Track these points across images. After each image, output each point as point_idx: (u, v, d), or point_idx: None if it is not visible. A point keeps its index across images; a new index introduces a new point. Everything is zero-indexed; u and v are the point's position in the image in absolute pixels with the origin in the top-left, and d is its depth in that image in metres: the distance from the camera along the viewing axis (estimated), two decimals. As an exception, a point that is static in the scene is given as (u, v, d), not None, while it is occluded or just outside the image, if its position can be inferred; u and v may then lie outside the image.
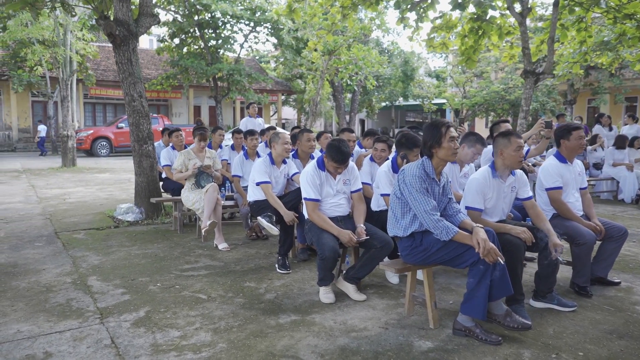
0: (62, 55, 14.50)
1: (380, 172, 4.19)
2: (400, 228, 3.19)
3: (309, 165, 3.87)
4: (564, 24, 11.51)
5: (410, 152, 4.10)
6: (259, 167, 4.67)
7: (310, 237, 3.81)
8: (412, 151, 4.10)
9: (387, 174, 4.15)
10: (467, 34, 11.57)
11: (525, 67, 10.68)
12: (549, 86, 24.41)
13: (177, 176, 5.54)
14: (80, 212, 7.39)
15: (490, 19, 11.17)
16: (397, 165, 4.21)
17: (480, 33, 11.55)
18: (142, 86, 6.73)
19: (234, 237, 5.85)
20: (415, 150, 4.10)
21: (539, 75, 10.69)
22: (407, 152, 4.10)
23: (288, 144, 4.72)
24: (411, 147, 4.09)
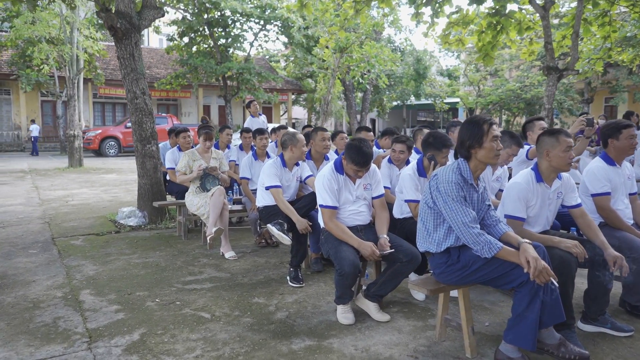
0: (68, 53, 14.21)
1: (404, 176, 3.75)
2: (433, 242, 2.74)
3: (326, 168, 3.44)
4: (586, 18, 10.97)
5: (438, 153, 3.65)
6: (269, 169, 4.25)
7: (326, 249, 3.38)
8: (440, 152, 3.65)
9: (412, 177, 3.71)
10: (485, 30, 11.07)
11: (548, 63, 10.15)
12: (567, 84, 23.76)
13: (180, 178, 5.13)
14: (82, 216, 7.03)
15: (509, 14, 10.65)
16: (423, 168, 3.77)
17: (498, 28, 11.04)
18: (145, 83, 6.34)
19: (242, 244, 5.44)
20: (445, 151, 3.65)
21: (562, 71, 10.16)
22: (435, 153, 3.65)
23: (305, 147, 4.29)
24: (440, 148, 3.64)
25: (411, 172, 3.73)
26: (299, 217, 4.01)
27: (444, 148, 3.64)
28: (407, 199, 3.70)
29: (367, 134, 5.95)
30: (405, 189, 3.71)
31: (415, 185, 3.69)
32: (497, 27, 10.85)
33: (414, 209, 3.66)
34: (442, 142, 3.65)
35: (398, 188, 3.92)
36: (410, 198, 3.67)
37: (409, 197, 3.68)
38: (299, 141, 4.22)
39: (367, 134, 5.50)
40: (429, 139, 3.69)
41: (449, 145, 3.66)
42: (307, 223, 4.00)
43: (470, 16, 11.07)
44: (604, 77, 23.78)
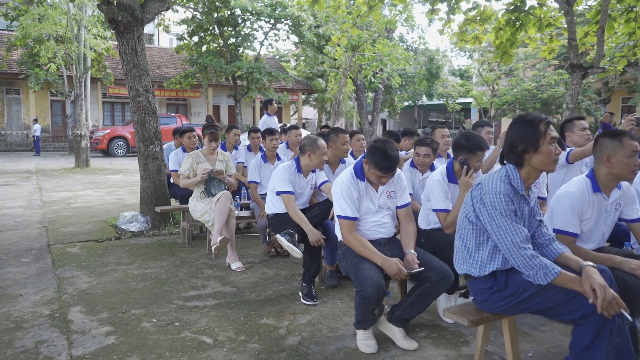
0: (75, 51, 13.93)
1: (433, 182, 3.32)
2: (475, 264, 2.31)
3: (344, 174, 3.02)
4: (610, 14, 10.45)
5: (472, 156, 3.22)
6: (282, 173, 3.83)
7: (345, 266, 2.96)
8: (474, 155, 3.21)
9: (441, 184, 3.28)
10: (503, 27, 10.59)
11: (572, 60, 9.63)
12: (584, 84, 23.10)
13: (183, 182, 4.74)
14: (82, 220, 6.67)
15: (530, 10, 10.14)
16: (453, 173, 3.34)
17: (517, 25, 10.55)
18: (148, 79, 5.97)
19: (250, 253, 5.04)
20: (479, 154, 3.22)
21: (587, 69, 9.64)
22: (468, 156, 3.22)
23: (326, 155, 3.87)
24: (474, 150, 3.20)
25: (440, 178, 3.30)
26: (312, 228, 3.60)
27: (479, 151, 3.21)
28: (435, 208, 3.27)
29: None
30: (434, 197, 3.29)
31: (445, 193, 3.26)
32: (516, 24, 10.37)
33: (444, 219, 3.24)
34: (476, 144, 3.21)
35: (424, 195, 3.49)
36: (440, 207, 3.24)
37: (437, 206, 3.25)
38: (319, 148, 3.79)
39: None
40: (461, 141, 3.26)
41: (484, 148, 3.23)
42: (321, 236, 3.58)
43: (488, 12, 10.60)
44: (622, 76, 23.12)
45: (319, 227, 3.72)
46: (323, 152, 3.83)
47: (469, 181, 3.16)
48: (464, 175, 3.19)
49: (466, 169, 3.19)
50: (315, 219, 3.71)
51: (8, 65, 22.75)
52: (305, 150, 3.87)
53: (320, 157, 3.82)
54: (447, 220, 3.21)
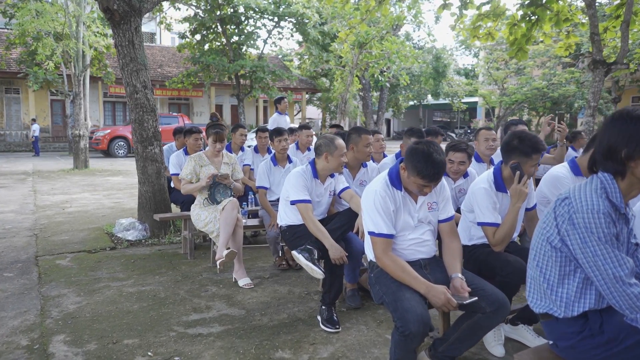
0: (73, 48, 13.46)
1: (478, 191, 2.82)
2: (559, 301, 1.81)
3: (378, 183, 2.51)
4: (632, 9, 9.93)
5: (527, 160, 2.71)
6: (296, 180, 3.33)
7: (379, 293, 2.45)
8: (529, 159, 2.71)
9: (488, 193, 2.78)
10: (518, 22, 10.07)
11: (594, 56, 9.12)
12: (596, 82, 22.55)
13: (185, 188, 4.24)
14: (76, 227, 6.19)
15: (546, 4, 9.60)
16: (502, 181, 2.84)
17: (533, 20, 10.02)
18: (146, 75, 5.48)
19: (258, 266, 4.54)
20: (535, 158, 2.71)
21: (610, 65, 9.12)
22: (521, 160, 2.71)
23: (345, 157, 3.37)
24: (529, 153, 2.70)
25: (486, 186, 2.80)
26: (333, 243, 3.10)
27: (534, 154, 2.70)
28: (481, 221, 2.77)
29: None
30: (479, 208, 2.78)
31: (493, 204, 2.76)
32: (531, 19, 9.86)
33: (492, 235, 2.73)
34: (531, 146, 2.70)
35: (465, 206, 2.99)
36: (487, 220, 2.74)
37: (484, 219, 2.75)
38: (337, 148, 3.29)
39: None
40: (513, 142, 2.75)
41: (541, 150, 2.72)
42: (344, 253, 3.09)
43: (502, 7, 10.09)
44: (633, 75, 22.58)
45: (340, 241, 3.23)
46: (342, 152, 3.34)
47: (523, 190, 2.67)
48: (516, 182, 2.69)
49: (519, 175, 2.69)
50: (337, 232, 3.21)
51: (7, 64, 22.31)
52: (321, 152, 3.37)
53: (338, 158, 3.32)
54: (496, 236, 2.71)
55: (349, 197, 3.43)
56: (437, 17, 27.36)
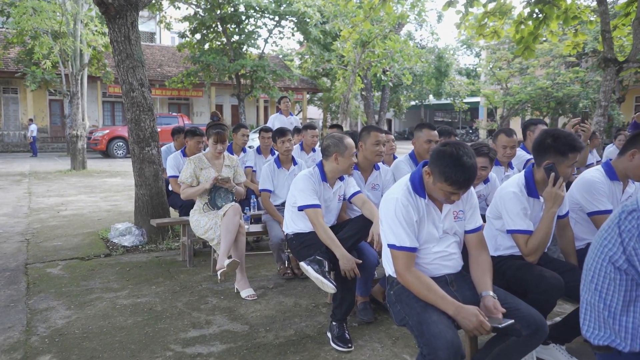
0: (70, 47, 13.18)
1: (506, 196, 2.55)
2: (624, 332, 1.53)
3: (398, 188, 2.24)
4: (637, 6, 9.69)
5: (563, 160, 2.44)
6: (304, 183, 3.06)
7: (400, 314, 2.18)
8: (565, 159, 2.44)
9: (518, 197, 2.51)
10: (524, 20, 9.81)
11: (605, 54, 8.87)
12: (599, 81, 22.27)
13: (184, 192, 3.96)
14: (70, 232, 5.92)
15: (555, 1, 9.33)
16: (534, 184, 2.57)
17: (541, 18, 9.75)
18: (143, 72, 5.21)
19: (262, 275, 4.28)
20: (572, 157, 2.44)
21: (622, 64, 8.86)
22: (557, 160, 2.44)
23: (354, 157, 3.10)
24: (565, 152, 2.43)
25: (517, 190, 2.53)
26: (345, 253, 2.84)
27: (571, 152, 2.43)
28: (512, 228, 2.50)
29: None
30: (509, 215, 2.51)
31: (524, 209, 2.49)
32: (539, 17, 9.59)
33: (524, 244, 2.47)
34: (568, 144, 2.43)
35: (491, 212, 2.72)
36: (518, 227, 2.47)
37: (515, 227, 2.48)
38: (347, 148, 3.03)
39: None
40: (547, 140, 2.48)
41: (579, 149, 2.45)
42: (356, 263, 2.82)
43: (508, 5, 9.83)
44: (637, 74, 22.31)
45: (352, 251, 2.96)
46: (352, 152, 3.07)
47: (559, 193, 2.40)
48: (551, 185, 2.42)
49: (554, 177, 2.42)
50: (349, 242, 2.94)
51: (5, 64, 22.05)
52: (330, 152, 3.10)
53: (349, 159, 3.05)
54: (529, 245, 2.45)
55: (360, 202, 3.16)
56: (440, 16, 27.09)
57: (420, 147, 3.61)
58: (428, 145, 3.56)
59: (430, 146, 3.55)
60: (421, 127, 3.71)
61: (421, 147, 3.60)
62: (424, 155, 3.58)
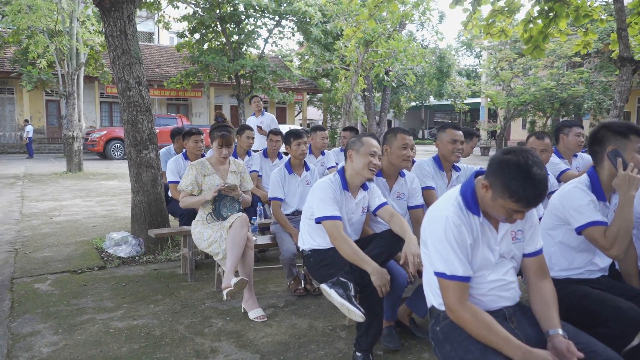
0: (66, 45, 12.80)
1: (571, 192, 2.20)
2: None
3: (446, 203, 1.86)
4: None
5: (626, 143, 2.15)
6: (323, 192, 2.69)
7: (449, 355, 1.80)
8: (628, 140, 2.16)
9: (585, 191, 2.16)
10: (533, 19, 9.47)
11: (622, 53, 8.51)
12: (605, 82, 21.95)
13: (185, 201, 3.58)
14: (62, 240, 5.54)
15: (566, 0, 8.96)
16: (600, 186, 2.20)
17: (551, 16, 9.40)
18: (141, 69, 4.84)
19: (270, 291, 3.90)
20: (635, 140, 2.13)
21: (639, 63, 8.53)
22: (619, 144, 2.13)
23: (377, 158, 2.73)
24: (626, 133, 2.14)
25: (581, 187, 2.18)
26: (377, 266, 2.47)
27: (633, 134, 2.12)
28: (583, 223, 2.14)
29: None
30: (578, 209, 2.16)
31: (595, 206, 2.15)
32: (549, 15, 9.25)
33: (602, 235, 2.12)
34: (626, 126, 2.13)
35: (546, 223, 2.34)
36: (592, 220, 2.13)
37: (587, 220, 2.14)
38: (364, 145, 2.71)
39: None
40: (601, 131, 2.17)
41: (638, 130, 2.13)
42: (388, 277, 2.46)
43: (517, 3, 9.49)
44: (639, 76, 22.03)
45: (381, 269, 2.59)
46: (370, 150, 2.69)
47: (633, 175, 2.05)
48: (620, 169, 2.07)
49: (621, 161, 2.08)
50: (379, 259, 2.56)
51: (0, 64, 21.69)
52: (349, 153, 2.77)
53: (365, 156, 2.68)
54: (608, 235, 2.09)
55: (388, 215, 2.78)
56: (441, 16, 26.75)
57: (445, 149, 3.29)
58: (453, 146, 3.23)
59: (455, 147, 3.23)
60: (445, 127, 3.38)
61: (445, 148, 3.28)
62: (449, 157, 3.28)
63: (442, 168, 3.35)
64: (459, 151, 3.22)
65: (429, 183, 3.24)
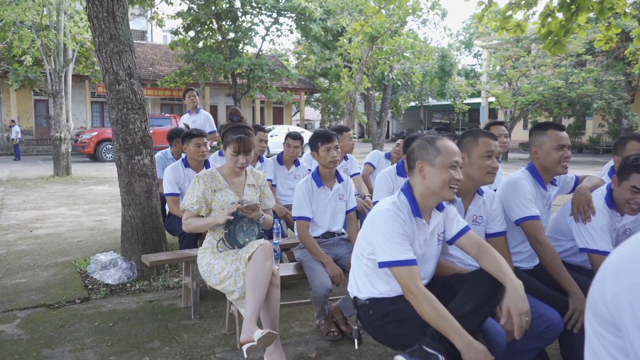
0: (53, 40, 11.93)
1: None
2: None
3: None
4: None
5: None
6: (388, 224, 1.89)
7: None
8: None
9: None
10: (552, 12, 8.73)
11: (657, 47, 7.78)
12: (613, 82, 21.32)
13: (190, 225, 2.74)
14: (41, 260, 4.72)
15: (589, -9, 8.20)
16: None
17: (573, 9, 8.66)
18: (132, 58, 4.04)
19: (295, 332, 3.12)
20: None
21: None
22: None
23: (458, 171, 1.95)
24: None
25: None
26: (472, 339, 1.69)
27: None
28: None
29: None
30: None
31: None
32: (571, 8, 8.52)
33: None
34: None
35: None
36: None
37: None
38: (439, 152, 1.95)
39: None
40: None
41: None
42: (490, 355, 1.68)
43: (535, -4, 8.76)
44: (645, 74, 21.45)
45: (477, 333, 1.81)
46: (451, 160, 1.95)
47: None
48: None
49: None
50: (472, 319, 1.78)
51: (-15, 62, 20.75)
52: (413, 161, 2.00)
53: (445, 171, 1.93)
54: None
55: (474, 246, 2.00)
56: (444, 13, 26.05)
57: (548, 158, 2.42)
58: (560, 154, 2.38)
59: (562, 154, 2.38)
60: (544, 128, 2.48)
61: (549, 157, 2.41)
62: (554, 169, 2.42)
63: (544, 185, 2.51)
64: (567, 159, 2.39)
65: (532, 210, 2.35)
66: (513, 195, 2.37)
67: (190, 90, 6.14)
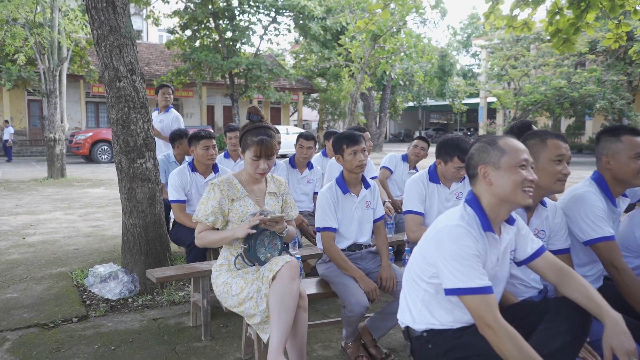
0: (46, 38, 11.55)
1: None
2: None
3: None
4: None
5: None
6: (458, 245, 1.57)
7: None
8: None
9: None
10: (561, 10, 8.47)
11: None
12: (615, 82, 21.12)
13: (204, 239, 2.39)
14: (34, 271, 4.38)
15: (600, -13, 7.93)
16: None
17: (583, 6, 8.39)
18: (134, 53, 3.70)
19: (319, 356, 2.80)
20: None
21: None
22: None
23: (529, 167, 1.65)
24: None
25: None
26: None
27: None
28: None
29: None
30: None
31: None
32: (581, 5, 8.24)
33: None
34: None
35: None
36: None
37: None
38: (504, 153, 1.70)
39: None
40: None
41: None
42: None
43: (543, -7, 8.49)
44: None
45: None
46: (519, 159, 1.69)
47: None
48: None
49: None
50: (564, 357, 1.47)
51: (-22, 61, 20.29)
52: (474, 167, 1.69)
53: (515, 172, 1.67)
54: None
55: (554, 270, 1.68)
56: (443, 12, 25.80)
57: (624, 168, 2.09)
58: (638, 164, 2.07)
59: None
60: (617, 133, 2.16)
61: (626, 167, 2.09)
62: (631, 181, 2.09)
63: (613, 200, 2.18)
64: None
65: (606, 230, 2.04)
66: (581, 212, 2.05)
67: (166, 87, 5.81)
